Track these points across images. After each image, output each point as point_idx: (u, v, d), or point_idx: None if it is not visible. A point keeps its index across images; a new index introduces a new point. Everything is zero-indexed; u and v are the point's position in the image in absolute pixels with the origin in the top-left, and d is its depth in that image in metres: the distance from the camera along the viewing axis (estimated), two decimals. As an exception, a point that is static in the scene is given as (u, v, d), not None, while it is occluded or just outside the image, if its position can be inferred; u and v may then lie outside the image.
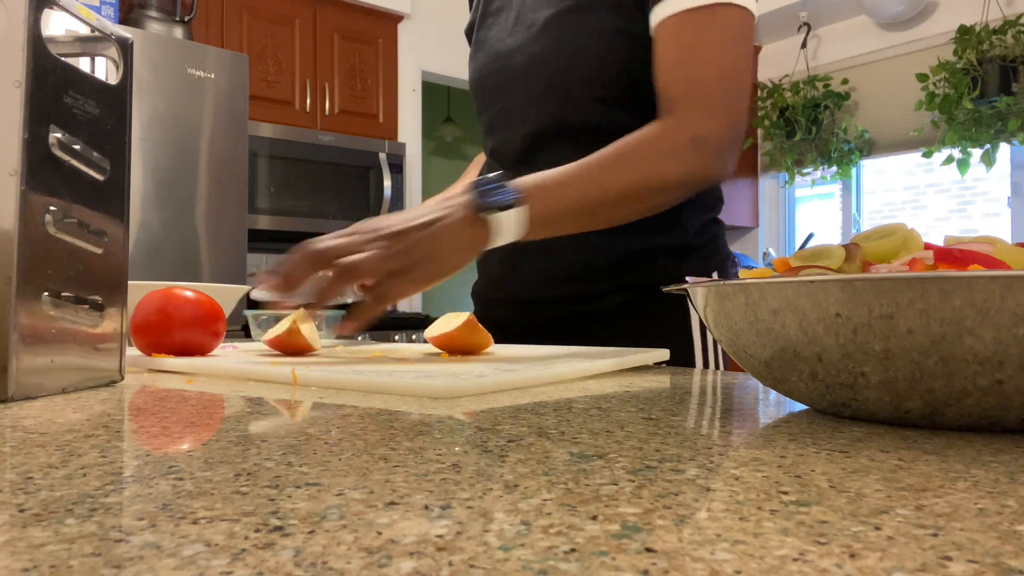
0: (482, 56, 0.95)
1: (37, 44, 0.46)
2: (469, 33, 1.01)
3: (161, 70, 2.27)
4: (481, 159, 1.06)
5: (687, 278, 0.46)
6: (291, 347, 0.71)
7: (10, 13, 0.46)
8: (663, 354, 0.69)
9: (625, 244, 0.88)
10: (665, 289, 0.50)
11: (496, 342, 0.99)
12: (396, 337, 2.85)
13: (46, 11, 0.48)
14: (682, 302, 0.89)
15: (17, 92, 0.45)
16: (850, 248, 0.40)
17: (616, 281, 0.89)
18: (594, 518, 0.21)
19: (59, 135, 0.48)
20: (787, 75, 3.78)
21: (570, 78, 0.85)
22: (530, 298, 0.94)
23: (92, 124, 0.52)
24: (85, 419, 0.39)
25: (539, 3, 0.88)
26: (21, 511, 0.22)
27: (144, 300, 0.69)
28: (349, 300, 0.70)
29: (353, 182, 3.00)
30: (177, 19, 2.56)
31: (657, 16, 0.80)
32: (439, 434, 0.34)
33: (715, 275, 0.92)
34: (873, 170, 3.73)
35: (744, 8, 0.78)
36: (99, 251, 0.52)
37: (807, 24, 3.69)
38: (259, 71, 2.89)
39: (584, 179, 0.73)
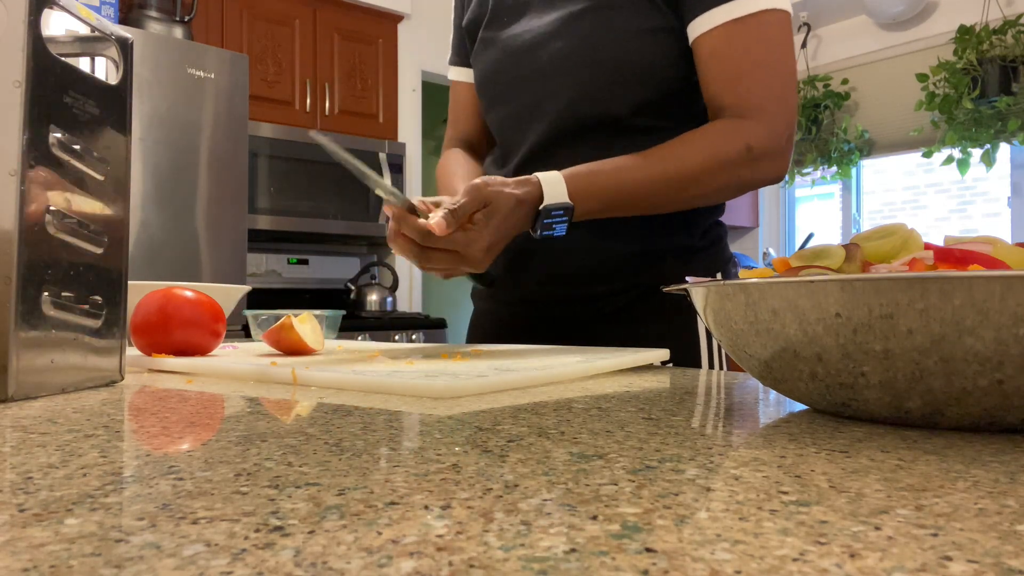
0: (494, 52, 0.94)
1: (37, 44, 0.46)
2: (472, 29, 1.00)
3: (161, 70, 2.27)
4: (458, 156, 1.04)
5: (687, 278, 0.46)
6: (284, 343, 0.71)
7: (10, 13, 0.46)
8: (663, 354, 0.69)
9: (631, 245, 0.88)
10: (666, 289, 0.50)
11: (500, 342, 0.99)
12: (396, 337, 2.85)
13: (46, 11, 0.48)
14: (688, 302, 0.89)
15: (17, 92, 0.45)
16: (850, 248, 0.40)
17: (621, 282, 0.89)
18: (594, 518, 0.21)
19: (59, 135, 0.48)
20: (787, 75, 3.77)
21: (594, 75, 0.85)
22: (535, 299, 0.94)
23: (92, 124, 0.52)
24: (85, 419, 0.39)
25: (561, 1, 0.88)
26: (21, 511, 0.22)
27: (144, 300, 0.69)
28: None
29: (353, 182, 3.00)
30: (177, 19, 2.56)
31: (699, 28, 0.81)
32: (439, 434, 0.34)
33: (719, 276, 0.92)
34: (873, 170, 3.72)
35: (783, 10, 0.80)
36: (99, 251, 0.52)
37: (807, 24, 3.69)
38: (259, 71, 2.89)
39: (626, 172, 0.80)
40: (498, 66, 0.94)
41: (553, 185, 0.77)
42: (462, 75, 1.06)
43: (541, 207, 0.76)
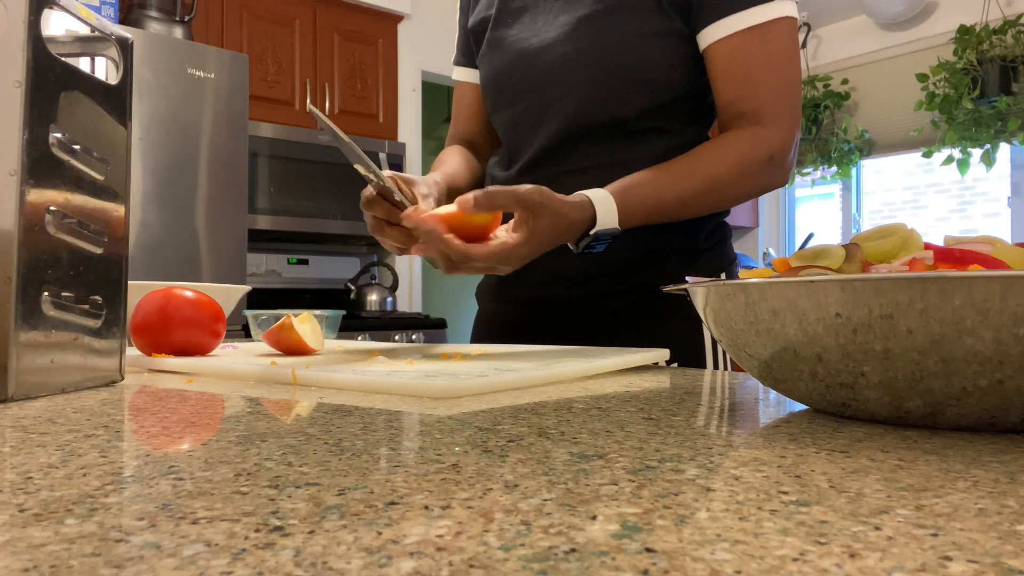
0: (501, 55, 0.94)
1: (37, 44, 0.46)
2: (478, 30, 1.00)
3: (161, 70, 2.27)
4: (455, 150, 1.04)
5: (687, 278, 0.46)
6: (284, 343, 0.71)
7: (10, 13, 0.46)
8: (663, 354, 0.69)
9: (636, 246, 0.88)
10: (666, 289, 0.50)
11: (504, 342, 0.98)
12: (396, 337, 2.85)
13: (46, 11, 0.48)
14: (692, 303, 0.89)
15: (17, 92, 0.45)
16: (850, 248, 0.40)
17: (626, 283, 0.89)
18: (594, 518, 0.21)
19: (59, 135, 0.48)
20: (787, 75, 3.77)
21: (602, 79, 0.85)
22: (541, 298, 0.94)
23: (92, 124, 0.52)
24: (85, 419, 0.39)
25: (570, 4, 0.88)
26: (21, 511, 0.22)
27: (144, 300, 0.69)
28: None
29: (353, 182, 3.00)
30: (177, 19, 2.56)
31: (712, 36, 0.82)
32: (439, 434, 0.34)
33: (723, 276, 0.92)
34: (873, 170, 3.72)
35: (793, 17, 0.82)
36: (99, 251, 0.52)
37: (807, 24, 3.69)
38: (259, 71, 2.89)
39: (665, 189, 0.81)
40: (505, 69, 0.94)
41: (605, 207, 0.77)
42: (466, 75, 1.06)
43: (593, 232, 0.77)
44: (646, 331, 0.88)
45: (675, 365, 0.79)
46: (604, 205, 0.77)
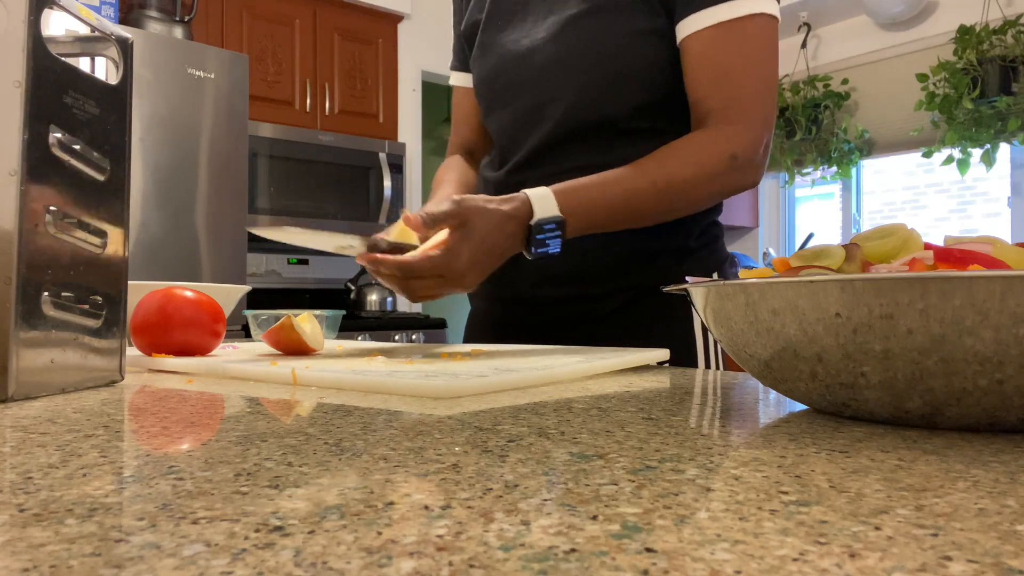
0: (492, 57, 0.94)
1: (37, 44, 0.46)
2: (469, 34, 1.00)
3: (161, 70, 2.27)
4: (453, 163, 1.04)
5: (687, 278, 0.46)
6: (284, 343, 0.71)
7: (10, 13, 0.46)
8: (663, 354, 0.69)
9: (626, 245, 0.88)
10: (666, 289, 0.50)
11: (496, 342, 0.99)
12: (396, 337, 2.85)
13: (46, 11, 0.48)
14: (683, 302, 0.89)
15: (17, 92, 0.45)
16: (850, 248, 0.40)
17: (617, 282, 0.89)
18: (594, 518, 0.21)
19: (59, 135, 0.48)
20: (787, 75, 3.78)
21: (591, 79, 0.85)
22: (531, 298, 0.94)
23: (92, 124, 0.52)
24: (85, 419, 0.39)
25: (558, 4, 0.88)
26: (21, 511, 0.22)
27: (144, 300, 0.69)
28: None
29: (353, 182, 3.00)
30: (177, 19, 2.56)
31: (687, 29, 0.81)
32: (439, 434, 0.34)
33: (715, 275, 0.92)
34: (873, 170, 3.72)
35: (771, 16, 0.80)
36: (99, 251, 0.52)
37: (807, 24, 3.69)
38: (259, 71, 2.89)
39: (614, 189, 0.79)
40: (496, 71, 0.94)
41: (543, 200, 0.75)
42: (462, 80, 1.06)
43: (533, 222, 0.75)
44: (637, 331, 0.88)
45: (666, 365, 0.79)
46: (540, 197, 0.76)
